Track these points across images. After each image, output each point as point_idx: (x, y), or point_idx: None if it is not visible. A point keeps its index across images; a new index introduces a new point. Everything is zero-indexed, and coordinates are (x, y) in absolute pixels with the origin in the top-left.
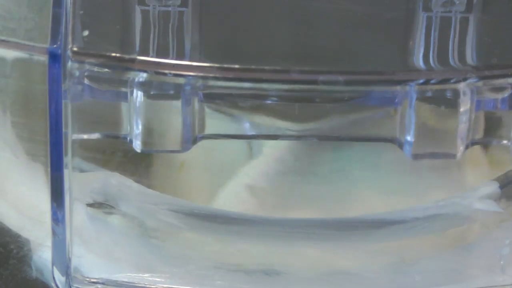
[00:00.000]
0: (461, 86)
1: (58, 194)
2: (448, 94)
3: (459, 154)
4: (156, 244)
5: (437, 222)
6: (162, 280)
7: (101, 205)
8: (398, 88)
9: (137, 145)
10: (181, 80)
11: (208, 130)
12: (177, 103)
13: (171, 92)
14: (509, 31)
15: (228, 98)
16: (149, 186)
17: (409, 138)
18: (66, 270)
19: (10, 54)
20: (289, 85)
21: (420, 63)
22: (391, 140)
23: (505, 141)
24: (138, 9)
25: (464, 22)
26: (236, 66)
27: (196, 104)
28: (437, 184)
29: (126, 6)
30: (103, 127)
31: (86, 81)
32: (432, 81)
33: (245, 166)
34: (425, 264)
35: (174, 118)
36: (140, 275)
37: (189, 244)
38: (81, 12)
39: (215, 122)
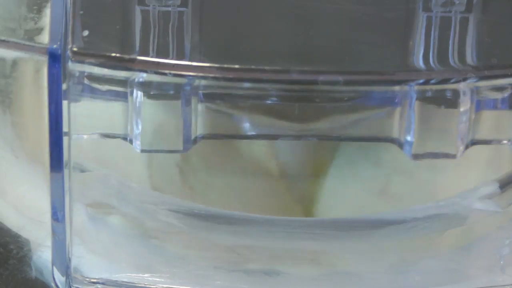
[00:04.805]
0: (461, 86)
1: (58, 194)
2: (448, 94)
3: (459, 154)
4: (156, 244)
5: (437, 222)
6: (162, 280)
7: (101, 205)
8: (398, 88)
9: (137, 145)
10: (181, 80)
11: (208, 130)
12: (177, 103)
13: (171, 92)
14: (509, 31)
15: (228, 98)
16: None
17: (409, 138)
18: (66, 270)
19: (10, 54)
20: (289, 85)
21: (420, 63)
22: (391, 140)
23: (505, 141)
24: (138, 9)
25: (464, 22)
26: (236, 66)
27: (196, 104)
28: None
29: (126, 6)
30: (103, 127)
31: (86, 81)
32: (432, 81)
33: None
34: (425, 264)
35: (174, 118)
36: (140, 275)
37: (189, 244)
38: (81, 12)
39: (215, 122)
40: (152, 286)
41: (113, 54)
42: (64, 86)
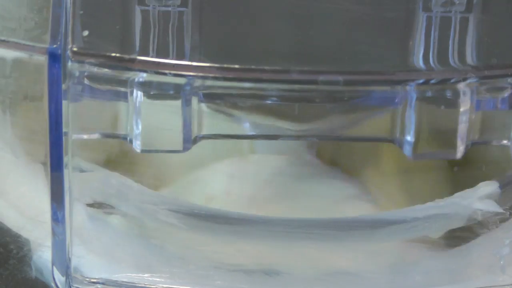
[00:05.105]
0: (461, 86)
1: (58, 194)
2: (448, 94)
3: (459, 154)
4: (156, 244)
5: (437, 222)
6: (162, 280)
7: (101, 205)
8: (398, 88)
9: (137, 145)
10: (181, 80)
11: (208, 130)
12: (177, 103)
13: (171, 92)
14: (509, 31)
15: (228, 98)
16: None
17: (409, 138)
18: (66, 270)
19: (10, 54)
20: (289, 85)
21: (420, 63)
22: (391, 140)
23: (505, 141)
24: (138, 9)
25: (464, 22)
26: (236, 66)
27: (196, 104)
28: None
29: (126, 6)
30: (103, 127)
31: (86, 81)
32: (432, 81)
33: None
34: (425, 264)
35: (174, 118)
36: (140, 275)
37: (189, 244)
38: (81, 12)
39: (215, 122)
40: (152, 286)
41: (113, 54)
42: (64, 86)
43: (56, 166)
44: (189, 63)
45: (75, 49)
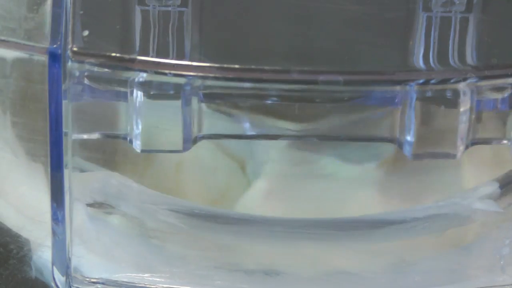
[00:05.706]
0: (461, 86)
1: (58, 194)
2: (448, 94)
3: (459, 154)
4: (156, 244)
5: (437, 222)
6: (162, 280)
7: (101, 205)
8: (398, 88)
9: (137, 145)
10: (181, 80)
11: (208, 130)
12: (177, 103)
13: (171, 92)
14: (509, 31)
15: (228, 98)
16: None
17: (409, 138)
18: (66, 270)
19: (10, 54)
20: (289, 85)
21: (420, 63)
22: (391, 140)
23: (505, 141)
24: (138, 9)
25: (464, 22)
26: (236, 66)
27: (196, 104)
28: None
29: (126, 6)
30: (103, 127)
31: (86, 81)
32: (432, 81)
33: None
34: (425, 264)
35: (174, 118)
36: (140, 275)
37: (189, 244)
38: (81, 12)
39: (215, 122)
40: (152, 286)
41: (113, 54)
42: (64, 86)
43: (56, 166)
44: (189, 63)
45: (75, 49)
